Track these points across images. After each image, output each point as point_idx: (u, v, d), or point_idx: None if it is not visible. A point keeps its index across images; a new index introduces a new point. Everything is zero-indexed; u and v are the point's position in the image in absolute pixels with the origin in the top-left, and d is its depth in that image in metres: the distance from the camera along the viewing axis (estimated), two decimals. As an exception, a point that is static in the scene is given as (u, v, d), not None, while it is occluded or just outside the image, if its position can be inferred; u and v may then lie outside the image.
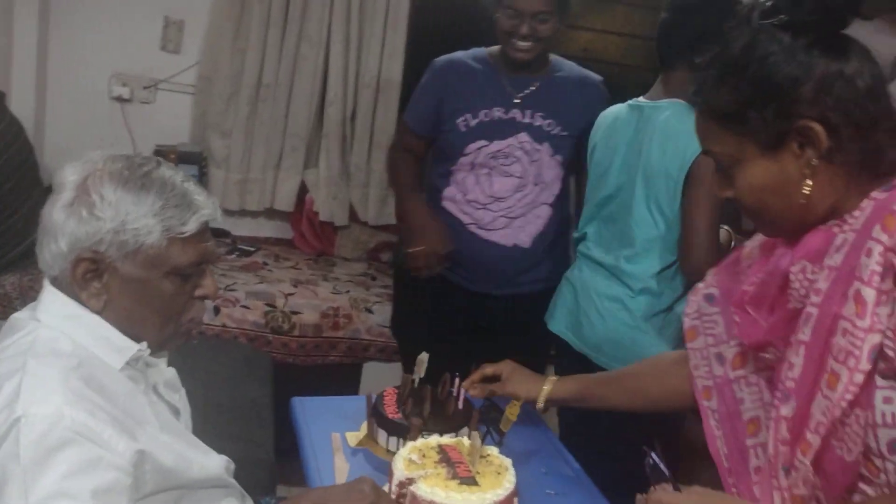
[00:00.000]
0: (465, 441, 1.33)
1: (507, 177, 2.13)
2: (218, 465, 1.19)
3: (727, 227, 1.85)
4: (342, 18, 3.05)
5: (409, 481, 1.19)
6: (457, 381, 1.53)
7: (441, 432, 1.38)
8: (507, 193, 2.14)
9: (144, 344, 1.10)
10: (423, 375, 1.54)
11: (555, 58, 2.21)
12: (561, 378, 1.53)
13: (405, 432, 1.40)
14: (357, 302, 2.81)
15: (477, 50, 2.22)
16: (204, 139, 3.16)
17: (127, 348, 1.08)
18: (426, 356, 1.54)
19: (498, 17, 2.05)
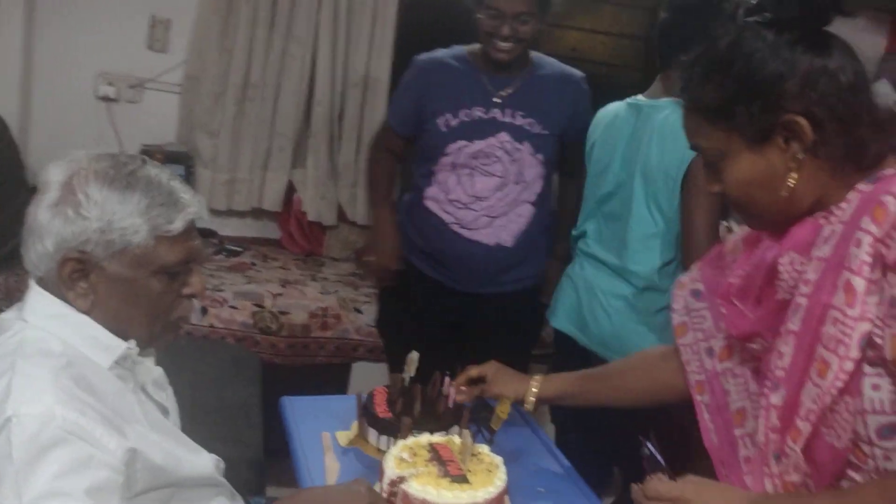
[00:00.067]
0: (455, 439, 1.33)
1: (489, 176, 2.13)
2: (208, 464, 1.19)
3: (727, 223, 1.86)
4: (330, 17, 3.04)
5: (401, 480, 1.19)
6: (447, 379, 1.53)
7: (432, 431, 1.38)
8: (488, 193, 2.14)
9: (133, 342, 1.09)
10: (413, 374, 1.54)
11: (536, 55, 2.21)
12: (547, 377, 1.53)
13: (396, 431, 1.40)
14: (345, 302, 2.80)
15: (457, 48, 2.22)
16: (191, 139, 3.13)
17: (115, 347, 1.07)
18: (416, 355, 1.55)
19: (479, 17, 2.05)
